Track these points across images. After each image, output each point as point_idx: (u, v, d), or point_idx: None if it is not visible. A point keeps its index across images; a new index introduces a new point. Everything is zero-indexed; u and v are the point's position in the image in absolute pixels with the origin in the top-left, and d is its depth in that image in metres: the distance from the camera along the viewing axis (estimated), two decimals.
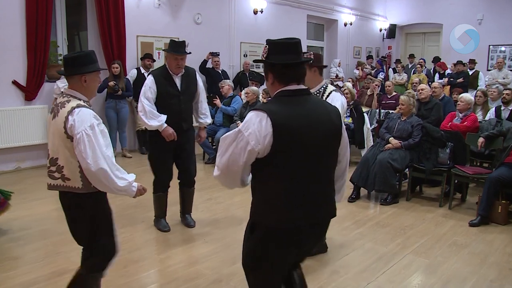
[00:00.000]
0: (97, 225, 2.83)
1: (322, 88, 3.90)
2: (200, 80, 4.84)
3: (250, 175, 2.33)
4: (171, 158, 4.72)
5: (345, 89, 7.65)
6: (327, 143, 2.27)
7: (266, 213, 2.25)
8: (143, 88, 4.55)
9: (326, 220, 2.39)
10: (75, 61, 2.75)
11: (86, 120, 2.60)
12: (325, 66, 4.06)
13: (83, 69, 2.74)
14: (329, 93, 3.86)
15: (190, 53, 4.75)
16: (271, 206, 2.22)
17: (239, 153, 2.14)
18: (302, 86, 2.27)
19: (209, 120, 4.99)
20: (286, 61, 2.22)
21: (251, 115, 2.16)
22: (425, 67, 13.17)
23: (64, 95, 2.76)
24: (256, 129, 2.10)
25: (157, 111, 4.49)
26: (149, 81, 4.53)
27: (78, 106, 2.66)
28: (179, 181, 4.89)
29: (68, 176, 2.70)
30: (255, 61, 2.81)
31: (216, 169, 2.30)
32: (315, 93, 3.86)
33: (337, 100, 3.76)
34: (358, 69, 13.84)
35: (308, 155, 2.18)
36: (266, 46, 2.28)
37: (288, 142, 2.13)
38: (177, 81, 4.58)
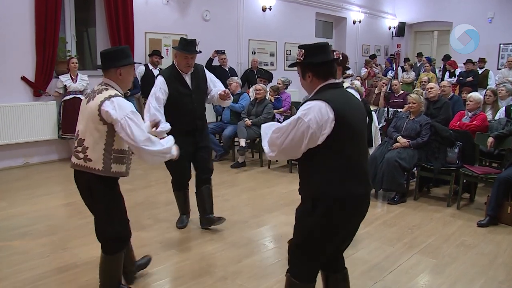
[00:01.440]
0: (110, 208, 3.11)
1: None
2: (209, 74, 4.78)
3: None
4: (188, 156, 4.57)
5: (353, 87, 7.60)
6: (364, 125, 2.64)
7: (334, 186, 2.46)
8: (153, 88, 4.44)
9: (369, 195, 2.67)
10: (111, 56, 3.06)
11: (126, 107, 2.89)
12: (349, 68, 4.22)
13: (118, 63, 3.03)
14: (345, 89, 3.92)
15: (200, 52, 4.72)
16: (338, 180, 2.46)
17: (301, 136, 2.42)
18: (337, 80, 2.61)
19: (217, 89, 4.78)
20: (323, 59, 2.56)
21: (310, 104, 2.43)
22: (431, 66, 13.09)
23: (102, 84, 3.05)
24: (316, 115, 2.38)
25: (170, 111, 4.39)
26: (160, 81, 4.44)
27: (116, 95, 2.94)
28: (196, 181, 4.74)
29: (91, 157, 2.97)
30: (291, 65, 2.95)
31: (272, 150, 2.62)
32: None
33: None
34: (366, 68, 13.77)
35: (358, 136, 2.53)
36: (301, 51, 2.60)
37: (346, 125, 2.42)
38: (188, 80, 4.51)
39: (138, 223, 4.91)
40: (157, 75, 4.64)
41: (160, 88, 4.41)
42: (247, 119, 7.66)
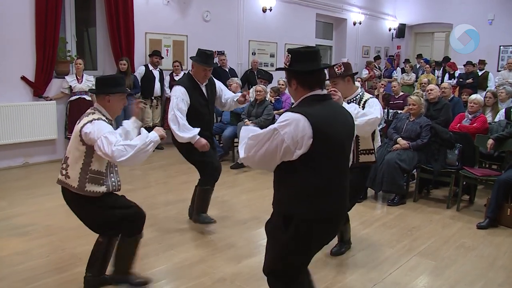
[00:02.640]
0: (100, 218, 3.27)
1: (358, 96, 4.01)
2: (218, 82, 4.90)
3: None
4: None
5: None
6: (348, 141, 2.51)
7: (304, 205, 2.37)
8: (174, 99, 4.38)
9: (345, 212, 2.61)
10: (103, 83, 3.27)
11: (104, 129, 3.04)
12: (356, 73, 4.17)
13: (108, 90, 3.22)
14: (366, 100, 3.94)
15: (217, 64, 4.81)
16: (308, 198, 2.36)
17: (274, 150, 2.31)
18: (325, 91, 2.47)
19: (234, 94, 4.97)
20: (308, 68, 2.40)
21: (289, 116, 2.29)
22: (434, 68, 13.09)
23: (93, 108, 3.26)
24: (293, 129, 2.25)
25: (189, 122, 4.39)
26: (181, 92, 4.40)
27: (99, 119, 3.12)
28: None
29: (70, 175, 3.15)
30: (277, 69, 2.87)
31: (247, 157, 2.45)
32: (352, 100, 3.99)
33: (376, 105, 3.88)
34: (367, 69, 13.77)
35: (338, 152, 2.41)
36: (288, 55, 2.44)
37: (324, 142, 2.30)
38: (204, 90, 4.61)
39: None
40: (175, 85, 4.61)
41: (182, 99, 4.39)
42: (247, 120, 7.66)
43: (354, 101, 3.97)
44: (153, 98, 8.78)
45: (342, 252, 4.28)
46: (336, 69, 3.92)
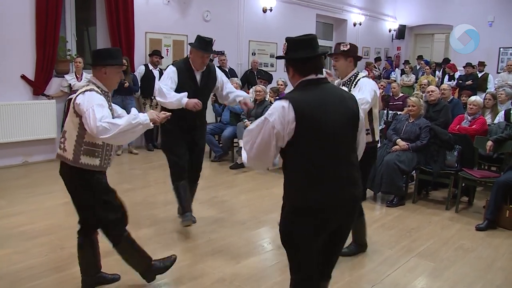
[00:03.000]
0: (90, 197, 3.20)
1: (353, 76, 4.00)
2: (221, 74, 4.81)
3: (278, 157, 2.53)
4: (186, 149, 4.62)
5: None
6: (344, 127, 2.43)
7: (292, 194, 2.45)
8: (162, 76, 4.48)
9: (350, 202, 2.48)
10: (100, 55, 3.22)
11: (93, 100, 2.98)
12: (360, 58, 4.15)
13: (105, 61, 3.16)
14: (358, 79, 3.94)
15: (215, 51, 4.76)
16: (295, 186, 2.41)
17: (268, 137, 2.35)
18: (320, 76, 2.47)
19: (240, 93, 4.81)
20: (302, 55, 2.44)
21: (275, 104, 2.38)
22: (434, 70, 13.10)
23: (88, 81, 3.20)
24: (280, 115, 2.31)
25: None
26: (171, 70, 4.46)
27: (91, 90, 3.06)
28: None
29: (66, 148, 3.15)
30: (277, 57, 2.89)
31: (247, 155, 2.50)
32: (347, 81, 3.99)
33: (365, 85, 3.87)
34: (366, 70, 13.78)
35: (328, 138, 2.36)
36: (285, 44, 2.51)
37: (309, 126, 2.31)
38: (198, 77, 4.54)
39: (136, 223, 4.90)
40: (168, 65, 4.68)
41: (170, 77, 4.42)
42: (246, 120, 7.66)
43: (348, 82, 3.97)
44: (153, 97, 8.77)
45: (351, 254, 4.23)
46: (342, 46, 3.94)
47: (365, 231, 4.33)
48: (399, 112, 8.05)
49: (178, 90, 4.40)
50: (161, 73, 8.79)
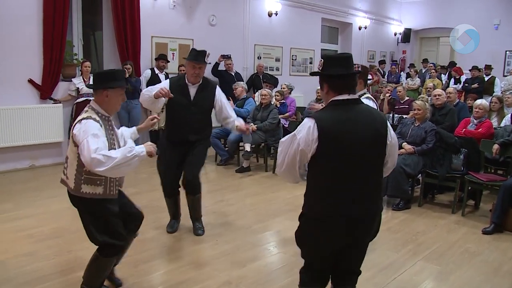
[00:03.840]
0: (93, 224, 3.13)
1: (358, 96, 3.98)
2: (222, 95, 4.71)
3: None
4: (176, 164, 4.60)
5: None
6: (369, 148, 2.50)
7: (309, 203, 2.60)
8: (157, 85, 4.54)
9: (364, 218, 2.57)
10: (101, 77, 3.12)
11: (89, 130, 2.88)
12: (369, 79, 4.26)
13: (106, 84, 3.06)
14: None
15: (209, 63, 4.74)
16: (313, 198, 2.58)
17: (294, 153, 2.50)
18: (352, 96, 2.54)
19: (235, 120, 4.71)
20: (339, 72, 2.51)
21: (304, 121, 2.50)
22: (440, 73, 13.06)
23: (88, 106, 3.11)
24: (305, 133, 2.44)
25: (166, 118, 4.57)
26: (165, 83, 4.57)
27: (88, 117, 2.97)
28: (185, 186, 4.75)
29: (68, 175, 3.12)
30: (311, 74, 2.85)
31: (278, 167, 2.64)
32: None
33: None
34: (370, 74, 13.75)
35: (349, 157, 2.44)
36: (321, 60, 2.59)
37: (330, 145, 2.42)
38: (192, 91, 4.51)
39: (142, 226, 4.89)
40: (165, 78, 4.76)
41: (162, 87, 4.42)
42: (252, 124, 7.67)
43: None
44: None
45: None
46: (354, 68, 3.95)
47: None
48: (404, 116, 8.05)
49: (170, 103, 4.48)
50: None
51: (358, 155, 2.45)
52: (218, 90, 4.71)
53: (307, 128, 2.43)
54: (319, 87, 3.06)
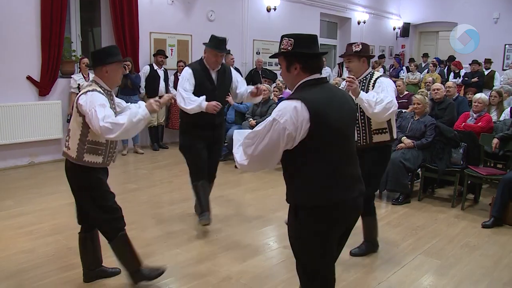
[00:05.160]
0: (90, 196, 3.28)
1: (369, 75, 3.99)
2: (236, 74, 4.89)
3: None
4: (204, 147, 4.67)
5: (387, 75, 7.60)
6: (350, 125, 2.48)
7: (313, 192, 2.34)
8: (180, 80, 4.55)
9: (359, 198, 2.48)
10: (98, 55, 3.29)
11: (96, 100, 3.05)
12: (373, 56, 4.18)
13: (105, 61, 3.23)
14: (376, 79, 3.93)
15: (229, 51, 4.78)
16: (317, 185, 2.33)
17: (277, 141, 2.26)
18: (322, 75, 2.46)
19: (247, 90, 4.81)
20: (313, 51, 2.41)
21: (285, 104, 2.28)
22: (439, 67, 13.03)
23: (91, 81, 3.28)
24: (292, 115, 2.22)
25: None
26: (187, 73, 4.52)
27: (94, 90, 3.13)
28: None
29: (70, 146, 3.25)
30: (272, 56, 2.66)
31: (246, 157, 2.41)
32: (362, 79, 3.98)
33: (387, 85, 3.85)
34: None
35: (339, 137, 2.36)
36: (290, 39, 2.40)
37: (324, 125, 2.26)
38: (214, 76, 4.61)
39: (142, 222, 4.92)
40: (184, 67, 4.77)
41: (187, 80, 4.49)
42: (251, 119, 7.67)
43: (364, 81, 3.96)
44: (158, 97, 8.77)
45: (362, 254, 4.21)
46: (354, 46, 3.93)
47: (376, 230, 4.32)
48: (404, 110, 8.04)
49: (196, 90, 4.49)
50: (166, 73, 8.83)
51: (344, 133, 2.39)
52: (233, 71, 4.88)
53: (293, 109, 2.22)
54: None
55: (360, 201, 2.49)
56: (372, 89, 3.86)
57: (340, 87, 4.32)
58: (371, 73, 3.99)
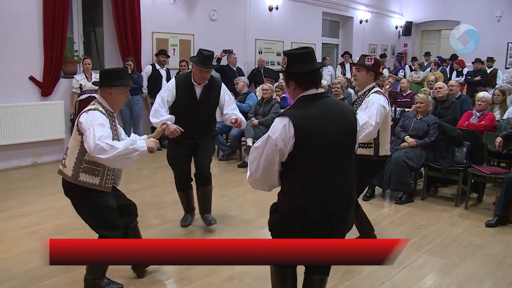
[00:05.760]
0: (88, 214, 3.29)
1: (368, 90, 4.07)
2: (226, 93, 4.73)
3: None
4: (187, 158, 4.71)
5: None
6: (343, 140, 2.54)
7: (285, 200, 2.58)
8: (163, 88, 4.61)
9: (339, 212, 2.57)
10: (106, 75, 3.30)
11: (95, 119, 3.05)
12: (381, 74, 4.27)
13: (110, 83, 3.24)
14: (369, 95, 4.01)
15: (216, 65, 4.75)
16: (289, 194, 2.54)
17: (272, 154, 2.46)
18: (320, 90, 2.56)
19: (234, 114, 4.70)
20: (304, 69, 2.51)
21: (277, 121, 2.48)
22: (442, 66, 12.99)
23: (95, 100, 3.28)
24: (281, 132, 2.41)
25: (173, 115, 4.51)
26: (171, 84, 4.56)
27: (95, 109, 3.14)
28: (196, 179, 4.79)
29: (66, 164, 3.22)
30: (278, 71, 2.92)
31: (250, 174, 2.60)
32: (362, 95, 4.10)
33: (373, 103, 3.91)
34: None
35: (324, 151, 2.46)
36: (284, 58, 2.57)
37: (306, 141, 2.41)
38: (198, 91, 4.54)
39: (144, 222, 4.91)
40: (174, 76, 4.76)
41: (169, 90, 4.52)
42: (254, 118, 7.66)
43: (363, 96, 4.06)
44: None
45: None
46: (367, 60, 4.04)
47: (369, 225, 4.31)
48: (406, 109, 8.02)
49: (176, 103, 4.52)
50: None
51: (334, 147, 2.48)
52: (223, 89, 4.73)
53: (282, 127, 2.41)
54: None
55: (345, 210, 2.59)
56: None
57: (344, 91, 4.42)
58: (371, 87, 4.08)
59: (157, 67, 8.70)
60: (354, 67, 4.21)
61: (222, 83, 4.76)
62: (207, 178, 4.77)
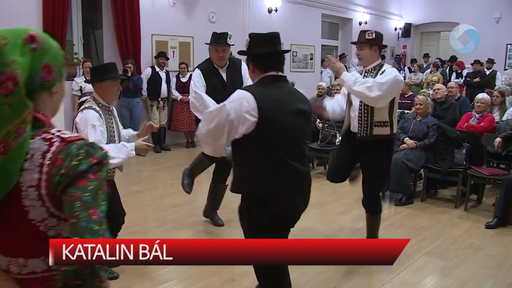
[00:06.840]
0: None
1: (378, 66, 3.91)
2: (245, 70, 4.62)
3: (229, 147, 2.57)
4: None
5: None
6: (301, 124, 2.54)
7: (244, 183, 2.55)
8: (192, 82, 4.46)
9: (303, 195, 2.58)
10: (94, 72, 3.49)
11: (88, 120, 3.16)
12: (386, 46, 4.13)
13: (99, 77, 3.35)
14: (384, 70, 3.82)
15: (233, 44, 4.70)
16: (249, 178, 2.51)
17: (221, 125, 2.38)
18: (280, 73, 2.55)
19: None
20: (263, 51, 2.51)
21: (238, 92, 2.43)
22: (441, 67, 13.01)
23: (91, 96, 3.40)
24: (237, 104, 2.34)
25: None
26: (196, 73, 4.45)
27: (89, 107, 3.24)
28: (213, 176, 4.76)
29: None
30: (239, 52, 2.84)
31: (200, 132, 2.57)
32: (371, 69, 3.90)
33: (389, 74, 3.72)
34: None
35: (284, 134, 2.42)
36: (247, 39, 2.57)
37: (270, 121, 2.36)
38: (223, 74, 4.50)
39: (145, 224, 4.92)
40: (195, 68, 4.67)
41: (197, 81, 4.40)
42: None
43: (373, 71, 3.87)
44: (159, 99, 8.80)
45: None
46: (367, 34, 3.90)
47: (378, 229, 4.29)
48: (406, 111, 8.02)
49: (207, 90, 4.40)
50: (167, 75, 8.83)
51: (292, 131, 2.46)
52: (244, 68, 4.64)
53: (241, 100, 2.35)
54: (320, 83, 3.05)
55: (303, 198, 2.58)
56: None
57: (342, 93, 4.31)
58: (380, 64, 3.90)
59: (157, 69, 8.70)
60: (355, 46, 4.02)
61: (242, 62, 4.65)
62: (227, 176, 4.75)
